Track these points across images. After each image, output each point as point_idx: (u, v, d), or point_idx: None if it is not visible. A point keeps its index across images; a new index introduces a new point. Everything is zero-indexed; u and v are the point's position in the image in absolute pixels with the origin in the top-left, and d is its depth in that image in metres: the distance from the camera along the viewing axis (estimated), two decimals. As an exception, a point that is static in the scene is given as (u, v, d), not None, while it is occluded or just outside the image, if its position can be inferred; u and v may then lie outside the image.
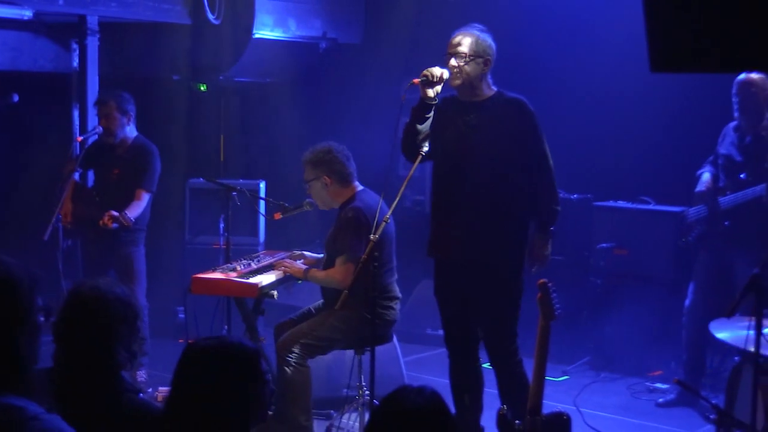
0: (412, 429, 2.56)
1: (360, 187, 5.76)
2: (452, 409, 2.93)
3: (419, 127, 5.13)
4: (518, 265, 5.20)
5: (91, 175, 7.13)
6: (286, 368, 5.48)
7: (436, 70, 5.05)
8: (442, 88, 5.12)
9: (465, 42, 5.11)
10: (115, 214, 6.32)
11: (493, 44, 5.18)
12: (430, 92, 5.09)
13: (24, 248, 6.60)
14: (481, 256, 5.13)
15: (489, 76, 5.20)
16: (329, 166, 5.69)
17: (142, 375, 6.73)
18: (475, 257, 5.14)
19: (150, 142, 6.76)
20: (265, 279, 5.73)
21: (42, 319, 2.79)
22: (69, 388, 3.17)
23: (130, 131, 6.69)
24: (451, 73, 5.11)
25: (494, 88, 5.22)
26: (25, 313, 2.70)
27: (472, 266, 5.15)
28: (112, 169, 6.62)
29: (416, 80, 5.06)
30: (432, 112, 5.15)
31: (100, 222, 6.29)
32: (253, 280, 5.68)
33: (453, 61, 5.11)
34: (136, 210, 6.50)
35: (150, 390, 6.59)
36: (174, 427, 2.82)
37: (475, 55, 5.08)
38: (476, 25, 5.23)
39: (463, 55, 5.08)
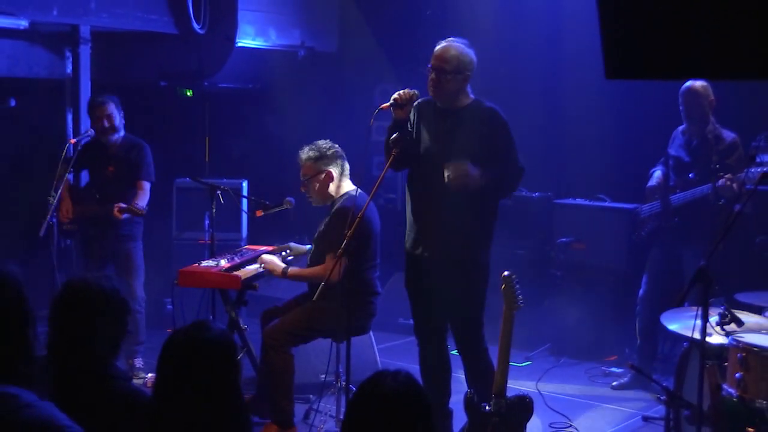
0: (390, 411, 2.55)
1: (352, 186, 5.71)
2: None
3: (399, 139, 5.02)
4: (485, 262, 5.19)
5: (84, 175, 7.06)
6: (272, 355, 5.47)
7: (405, 93, 4.99)
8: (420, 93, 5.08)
9: (448, 56, 5.01)
10: (124, 205, 6.32)
11: (474, 59, 5.08)
12: (401, 113, 5.04)
13: (21, 244, 6.58)
14: (453, 253, 5.10)
15: (468, 87, 5.12)
16: (334, 160, 5.64)
17: (139, 362, 6.71)
18: (447, 254, 5.11)
19: (139, 138, 6.73)
20: (248, 272, 5.72)
21: None
22: (60, 375, 3.16)
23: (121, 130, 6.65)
24: (429, 84, 5.03)
25: (472, 97, 5.13)
26: (29, 310, 2.74)
27: (443, 262, 5.13)
28: (106, 167, 6.57)
29: (385, 105, 4.99)
30: (408, 127, 5.11)
31: (113, 213, 6.29)
32: (236, 272, 5.67)
33: (434, 74, 5.03)
34: (143, 199, 6.52)
35: (149, 376, 6.58)
36: (162, 410, 2.82)
37: (456, 71, 5.00)
38: (460, 39, 5.12)
39: (445, 69, 5.00)
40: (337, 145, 5.72)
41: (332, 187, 5.66)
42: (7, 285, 2.74)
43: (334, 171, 5.63)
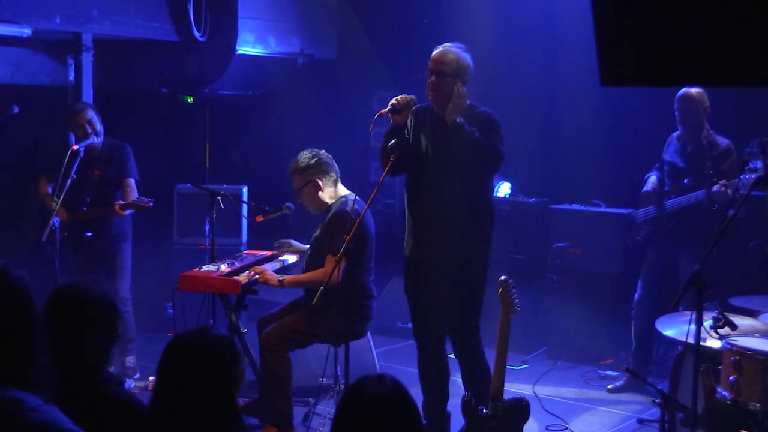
0: (375, 415, 2.52)
1: (347, 191, 5.73)
2: (417, 397, 2.89)
3: (399, 145, 5.02)
4: (484, 267, 5.19)
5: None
6: (269, 359, 5.46)
7: (402, 98, 5.00)
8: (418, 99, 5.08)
9: (448, 60, 5.03)
10: (123, 202, 6.37)
11: (471, 63, 5.10)
12: (398, 118, 5.04)
13: (24, 249, 6.57)
14: (452, 257, 5.10)
15: None
16: (319, 169, 5.65)
17: (130, 360, 6.74)
18: (445, 259, 5.12)
19: (118, 140, 6.74)
20: (248, 276, 5.71)
21: None
22: (53, 380, 3.13)
23: None
24: (429, 88, 5.04)
25: (467, 102, 5.11)
26: (35, 314, 2.73)
27: (442, 267, 5.13)
28: (92, 170, 6.58)
29: (384, 111, 5.00)
30: (405, 133, 5.12)
31: (115, 211, 6.33)
32: (236, 277, 5.66)
33: (434, 77, 5.04)
34: (133, 196, 6.51)
35: (137, 376, 6.60)
36: (161, 415, 2.81)
37: (455, 74, 5.02)
38: (458, 44, 5.14)
39: (445, 72, 5.01)
40: (323, 152, 5.72)
41: (324, 194, 5.67)
42: (15, 288, 2.73)
43: (321, 179, 5.64)
